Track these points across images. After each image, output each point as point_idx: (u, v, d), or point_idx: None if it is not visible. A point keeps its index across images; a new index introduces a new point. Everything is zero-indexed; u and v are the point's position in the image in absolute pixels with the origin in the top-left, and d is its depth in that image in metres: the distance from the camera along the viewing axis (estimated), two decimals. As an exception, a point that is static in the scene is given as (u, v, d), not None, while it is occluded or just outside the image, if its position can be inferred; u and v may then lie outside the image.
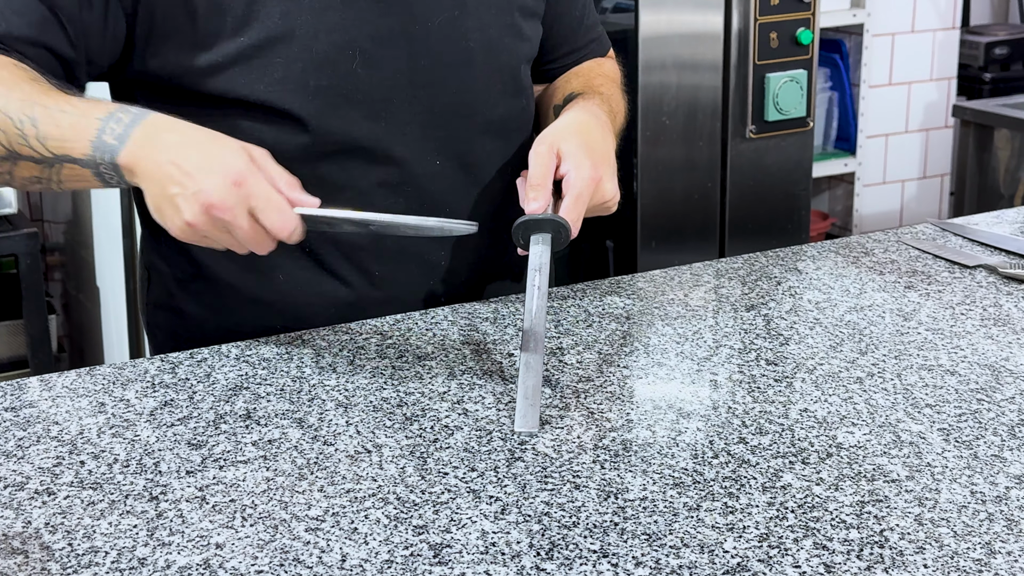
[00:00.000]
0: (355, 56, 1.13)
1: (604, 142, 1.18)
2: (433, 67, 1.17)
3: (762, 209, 2.60)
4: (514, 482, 0.87)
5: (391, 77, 1.15)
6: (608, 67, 1.37)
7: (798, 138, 2.57)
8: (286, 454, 0.92)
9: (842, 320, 1.18)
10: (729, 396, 1.01)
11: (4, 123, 1.04)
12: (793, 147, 2.58)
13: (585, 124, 1.18)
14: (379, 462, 0.91)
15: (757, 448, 0.92)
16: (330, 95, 1.13)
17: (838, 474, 0.88)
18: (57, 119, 1.03)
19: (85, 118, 1.03)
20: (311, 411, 1.00)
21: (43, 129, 1.03)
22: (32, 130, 1.03)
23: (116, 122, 1.02)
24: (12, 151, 1.04)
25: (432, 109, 1.18)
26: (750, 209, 2.59)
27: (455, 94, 1.19)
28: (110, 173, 1.02)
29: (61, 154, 1.03)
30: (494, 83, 1.22)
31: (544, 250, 1.10)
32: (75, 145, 1.02)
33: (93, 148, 1.02)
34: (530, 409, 0.96)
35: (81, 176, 1.04)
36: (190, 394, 1.03)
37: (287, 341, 1.13)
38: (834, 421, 0.96)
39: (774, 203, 2.61)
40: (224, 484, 0.88)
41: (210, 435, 0.96)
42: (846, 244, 1.40)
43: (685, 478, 0.87)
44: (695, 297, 1.24)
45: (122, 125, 1.02)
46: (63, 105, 1.04)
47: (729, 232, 2.56)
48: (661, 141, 2.47)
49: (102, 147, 1.01)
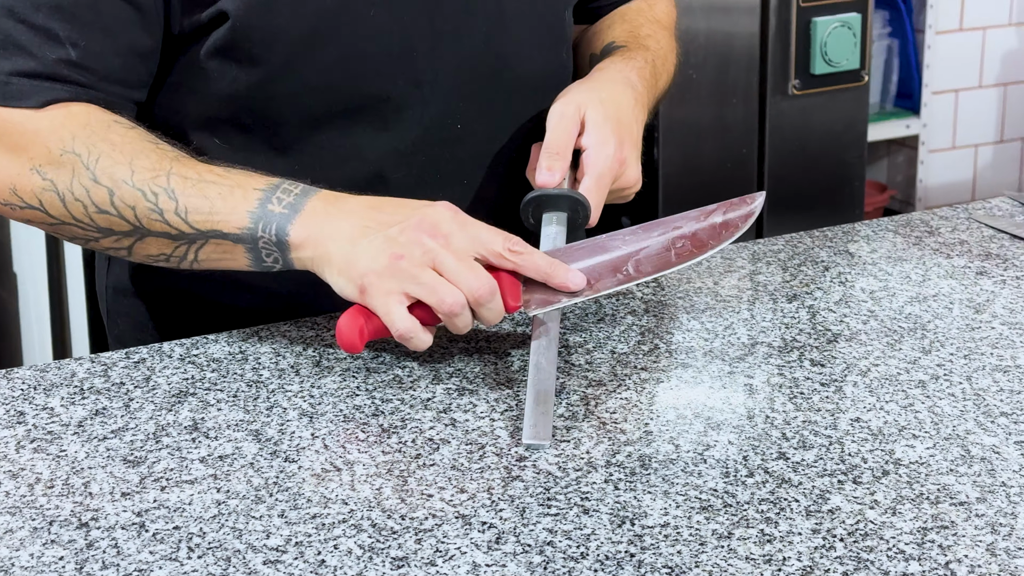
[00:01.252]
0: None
1: (634, 119, 1.18)
2: (459, 11, 1.17)
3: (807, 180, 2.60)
4: (511, 506, 0.88)
5: (410, 23, 1.15)
6: (661, 9, 1.37)
7: (851, 95, 2.58)
8: (240, 472, 0.93)
9: (902, 312, 1.18)
10: (767, 403, 1.02)
11: (132, 197, 1.05)
12: (845, 106, 2.58)
13: (618, 92, 1.19)
14: (351, 482, 0.91)
15: (800, 465, 0.92)
16: (337, 44, 1.13)
17: (896, 496, 0.88)
18: (202, 190, 1.05)
19: (241, 188, 1.05)
20: (270, 421, 1.00)
21: (184, 202, 1.05)
22: (169, 203, 1.05)
23: (284, 192, 1.05)
24: (139, 227, 1.06)
25: (456, 61, 1.18)
26: (793, 180, 2.59)
27: (483, 43, 1.19)
28: (270, 249, 1.04)
29: (208, 229, 1.05)
30: (530, 31, 1.22)
31: (559, 232, 1.11)
32: (228, 218, 1.04)
33: (252, 220, 1.04)
34: (542, 418, 0.96)
35: (226, 255, 1.06)
36: (126, 401, 1.03)
37: (240, 338, 1.14)
38: (891, 433, 0.97)
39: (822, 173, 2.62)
40: (167, 508, 0.88)
41: (150, 450, 0.96)
42: (907, 222, 1.40)
43: (714, 501, 0.88)
44: (727, 285, 1.25)
45: (291, 196, 1.05)
46: (206, 174, 1.06)
47: (768, 207, 2.56)
48: (687, 99, 2.48)
49: (266, 218, 1.04)
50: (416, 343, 1.01)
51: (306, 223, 1.03)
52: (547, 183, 1.11)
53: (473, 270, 1.00)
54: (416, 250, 1.00)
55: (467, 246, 1.01)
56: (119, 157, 1.06)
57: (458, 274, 1.00)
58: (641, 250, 1.07)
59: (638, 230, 1.09)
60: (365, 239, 1.02)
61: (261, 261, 1.06)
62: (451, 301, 1.00)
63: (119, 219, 1.06)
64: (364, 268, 1.01)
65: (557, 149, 1.12)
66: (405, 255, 1.00)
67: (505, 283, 1.03)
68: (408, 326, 1.00)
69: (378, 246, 1.01)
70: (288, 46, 1.12)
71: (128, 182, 1.05)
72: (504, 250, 1.02)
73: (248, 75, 1.13)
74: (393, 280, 1.00)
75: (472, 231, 1.02)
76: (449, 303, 1.00)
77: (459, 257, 1.00)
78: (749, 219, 1.10)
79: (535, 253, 1.04)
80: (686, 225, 1.09)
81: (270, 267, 1.06)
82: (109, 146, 1.06)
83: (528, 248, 1.04)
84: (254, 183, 1.06)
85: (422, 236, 1.01)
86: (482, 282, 1.00)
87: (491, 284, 1.01)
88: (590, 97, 1.16)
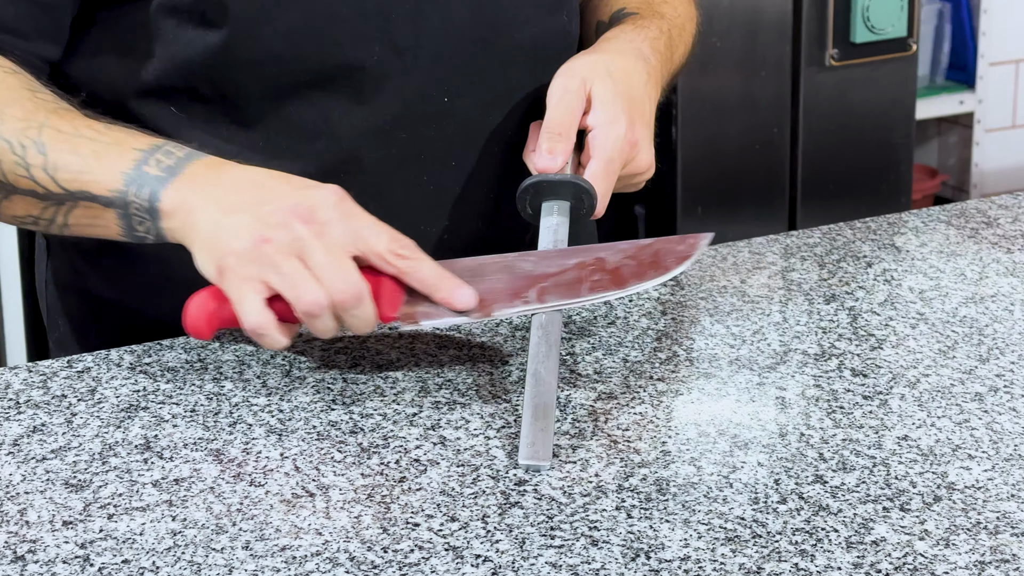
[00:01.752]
0: None
1: (646, 96, 1.19)
2: None
3: (846, 164, 2.61)
4: (509, 536, 0.88)
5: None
6: None
7: (896, 66, 2.58)
8: (199, 498, 0.93)
9: (955, 315, 1.18)
10: (802, 419, 1.02)
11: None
12: (890, 79, 2.58)
13: (629, 65, 1.19)
14: (325, 509, 0.91)
15: (840, 490, 0.92)
16: (303, 3, 1.13)
17: (949, 525, 0.88)
18: (76, 146, 1.05)
19: (118, 147, 1.05)
20: (232, 439, 1.00)
21: (54, 157, 1.05)
22: (38, 158, 1.05)
23: (165, 154, 1.05)
24: (4, 182, 1.07)
25: (441, 26, 1.18)
26: (830, 164, 2.59)
27: (474, 5, 1.19)
28: (142, 216, 1.04)
29: (76, 189, 1.05)
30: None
31: (561, 223, 1.10)
32: (99, 178, 1.04)
33: (126, 182, 1.04)
34: (541, 435, 0.96)
35: (97, 220, 1.06)
36: (68, 417, 1.03)
37: (200, 345, 1.13)
38: (944, 453, 0.97)
39: (863, 155, 2.62)
40: (115, 540, 0.88)
41: (95, 472, 0.96)
42: (961, 211, 1.40)
43: (742, 531, 0.88)
44: (755, 284, 1.24)
45: (172, 158, 1.05)
46: (84, 129, 1.06)
47: (803, 195, 2.57)
48: (709, 71, 2.48)
49: (140, 180, 1.03)
50: (268, 341, 1.01)
51: (180, 189, 1.03)
52: (547, 168, 1.11)
53: (342, 268, 0.99)
54: (284, 235, 0.99)
55: (344, 240, 1.00)
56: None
57: (324, 270, 0.99)
58: (550, 276, 1.06)
59: (553, 253, 1.08)
60: (236, 215, 1.01)
61: (133, 230, 1.05)
62: (309, 299, 0.99)
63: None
64: (225, 247, 1.01)
65: (559, 129, 1.12)
66: (272, 239, 0.99)
67: (384, 289, 1.02)
68: (259, 321, 1.00)
69: (245, 225, 1.00)
70: (249, 4, 1.12)
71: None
72: (387, 251, 1.01)
73: (205, 38, 1.13)
74: (253, 265, 1.00)
75: (354, 224, 1.01)
76: (306, 301, 0.99)
77: (330, 251, 0.99)
78: (683, 262, 1.08)
79: (424, 261, 1.03)
80: (611, 256, 1.08)
81: (142, 237, 1.06)
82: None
83: (417, 254, 1.02)
84: (134, 142, 1.06)
85: (294, 221, 1.00)
86: (348, 283, 0.99)
87: (358, 287, 0.99)
88: (597, 70, 1.16)
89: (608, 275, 1.06)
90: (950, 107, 3.34)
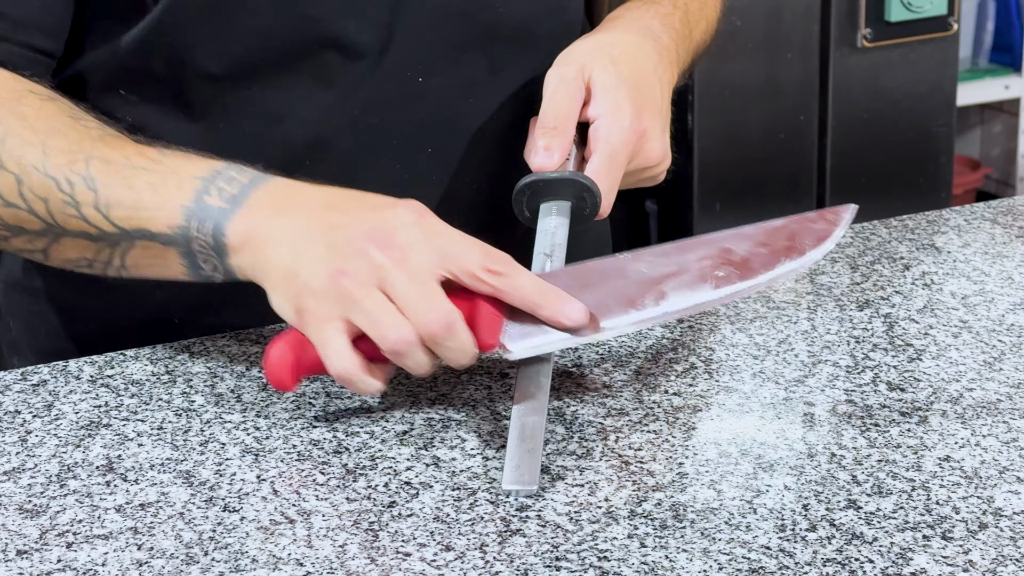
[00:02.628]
0: None
1: (657, 80, 1.18)
2: None
3: (881, 155, 2.61)
4: (510, 567, 0.88)
5: None
6: None
7: (935, 47, 2.58)
8: (167, 525, 0.92)
9: (1002, 323, 1.18)
10: (833, 438, 1.02)
11: (43, 186, 1.04)
12: (928, 61, 2.58)
13: (634, 46, 1.18)
14: (307, 537, 0.91)
15: (875, 516, 0.92)
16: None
17: (996, 555, 0.88)
18: (129, 178, 1.03)
19: (175, 177, 1.03)
20: (204, 460, 1.00)
21: (106, 193, 1.03)
22: (88, 195, 1.04)
23: (228, 181, 1.03)
24: (53, 224, 1.05)
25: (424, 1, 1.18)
26: (863, 155, 2.59)
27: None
28: (207, 253, 1.02)
29: (132, 228, 1.03)
30: None
31: (560, 224, 1.10)
32: (157, 214, 1.02)
33: (187, 217, 1.02)
34: (527, 457, 0.96)
35: (157, 259, 1.04)
36: (22, 435, 1.03)
37: (167, 354, 1.13)
38: (990, 476, 0.97)
39: (899, 146, 2.62)
40: (74, 571, 0.88)
41: (53, 496, 0.96)
42: (1008, 208, 1.40)
43: (767, 561, 0.88)
44: (781, 289, 1.24)
45: (236, 185, 1.03)
46: (136, 158, 1.04)
47: (832, 189, 2.57)
48: (729, 52, 2.48)
49: (203, 214, 1.02)
50: (360, 387, 0.99)
51: (247, 220, 1.01)
52: (544, 166, 1.10)
53: (429, 297, 0.97)
54: (362, 265, 0.97)
55: (429, 262, 0.98)
56: (30, 136, 1.05)
57: (408, 302, 0.97)
58: (668, 277, 1.03)
59: (670, 249, 1.05)
60: (309, 246, 0.99)
61: (199, 268, 1.04)
62: (395, 337, 0.97)
63: (29, 214, 1.05)
64: (301, 286, 0.99)
65: (555, 123, 1.12)
66: (348, 271, 0.97)
67: (481, 313, 1.00)
68: (346, 366, 0.98)
69: (320, 257, 0.98)
70: None
71: (39, 168, 1.04)
72: (479, 269, 0.99)
73: (160, 12, 1.13)
74: (332, 304, 0.98)
75: (439, 243, 0.99)
76: (392, 340, 0.97)
77: (414, 278, 0.97)
78: (824, 241, 1.06)
79: (522, 275, 1.00)
80: (738, 245, 1.05)
81: (210, 277, 1.04)
82: (19, 121, 1.06)
83: (514, 268, 1.00)
84: (193, 169, 1.04)
85: (371, 247, 0.98)
86: (438, 314, 0.97)
87: (448, 316, 0.97)
88: (598, 56, 1.15)
89: (736, 269, 1.03)
90: (994, 92, 3.35)
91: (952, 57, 2.60)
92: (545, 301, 1.00)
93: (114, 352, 1.14)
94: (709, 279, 1.03)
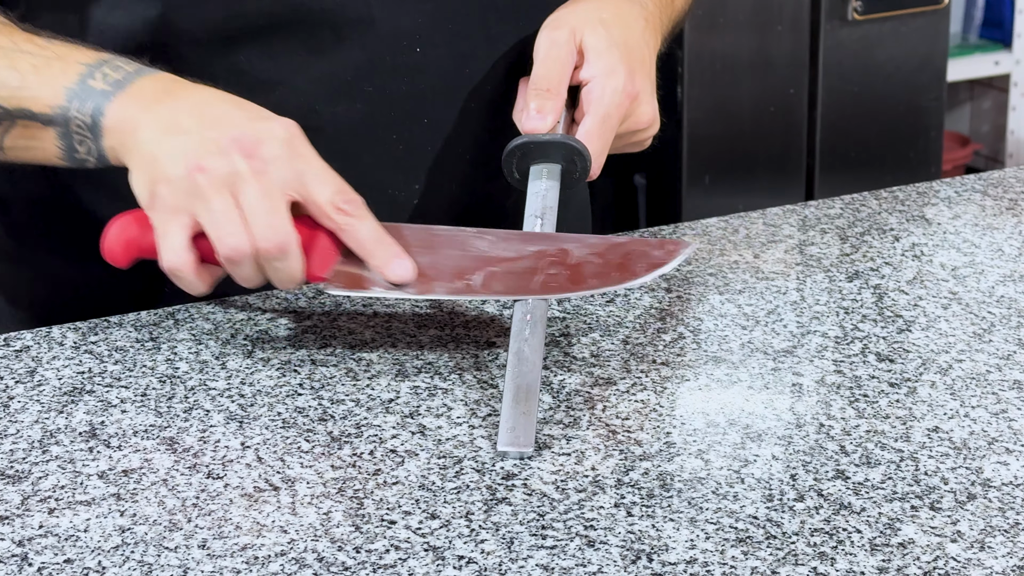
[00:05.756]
0: None
1: (645, 44, 1.19)
2: None
3: (871, 128, 2.61)
4: (496, 535, 0.87)
5: None
6: None
7: (926, 21, 2.58)
8: (150, 491, 0.92)
9: (991, 295, 1.18)
10: (821, 408, 1.01)
11: None
12: (919, 35, 2.58)
13: (623, 10, 1.19)
14: (291, 505, 0.91)
15: (863, 486, 0.92)
16: None
17: (984, 525, 0.88)
18: (14, 60, 1.06)
19: (61, 61, 1.06)
20: (188, 427, 0.99)
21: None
22: None
23: (114, 68, 1.05)
24: None
25: None
26: (853, 128, 2.59)
27: None
28: (83, 134, 1.04)
29: (14, 107, 1.05)
30: None
31: (551, 187, 1.11)
32: (39, 94, 1.05)
33: (69, 97, 1.04)
34: (522, 420, 0.96)
35: (34, 140, 1.06)
36: (4, 401, 1.03)
37: (151, 320, 1.13)
38: (979, 446, 0.97)
39: (889, 119, 2.62)
40: (56, 536, 0.88)
41: (35, 463, 0.96)
42: (999, 180, 1.40)
43: (755, 531, 0.88)
44: (770, 259, 1.24)
45: (121, 72, 1.05)
46: (23, 43, 1.07)
47: (821, 162, 2.57)
48: (719, 25, 2.47)
49: (84, 95, 1.04)
50: (184, 285, 1.02)
51: (127, 104, 1.04)
52: (535, 128, 1.11)
53: (272, 213, 1.00)
54: (221, 166, 1.00)
55: (284, 182, 1.00)
56: None
57: (252, 213, 0.99)
58: (504, 260, 1.06)
59: (515, 236, 1.08)
60: (177, 136, 1.02)
61: (74, 151, 1.06)
62: (232, 243, 0.99)
63: None
64: (160, 172, 1.01)
65: (547, 85, 1.12)
66: (207, 168, 1.00)
67: (318, 244, 1.02)
68: (178, 262, 1.01)
69: (184, 150, 1.01)
70: None
71: None
72: (328, 203, 1.01)
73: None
74: (184, 196, 1.00)
75: (300, 166, 1.01)
76: (229, 245, 1.00)
77: (265, 193, 1.00)
78: (654, 270, 1.07)
79: (365, 220, 1.03)
80: (577, 249, 1.07)
81: (83, 160, 1.06)
82: None
83: (361, 211, 1.03)
84: (80, 56, 1.07)
85: (235, 152, 1.00)
86: (276, 232, 1.00)
87: (286, 237, 1.00)
88: (588, 18, 1.16)
89: (567, 271, 1.06)
90: (984, 68, 3.35)
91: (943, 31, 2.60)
92: (377, 251, 1.03)
93: (98, 319, 1.14)
94: (539, 273, 1.06)
